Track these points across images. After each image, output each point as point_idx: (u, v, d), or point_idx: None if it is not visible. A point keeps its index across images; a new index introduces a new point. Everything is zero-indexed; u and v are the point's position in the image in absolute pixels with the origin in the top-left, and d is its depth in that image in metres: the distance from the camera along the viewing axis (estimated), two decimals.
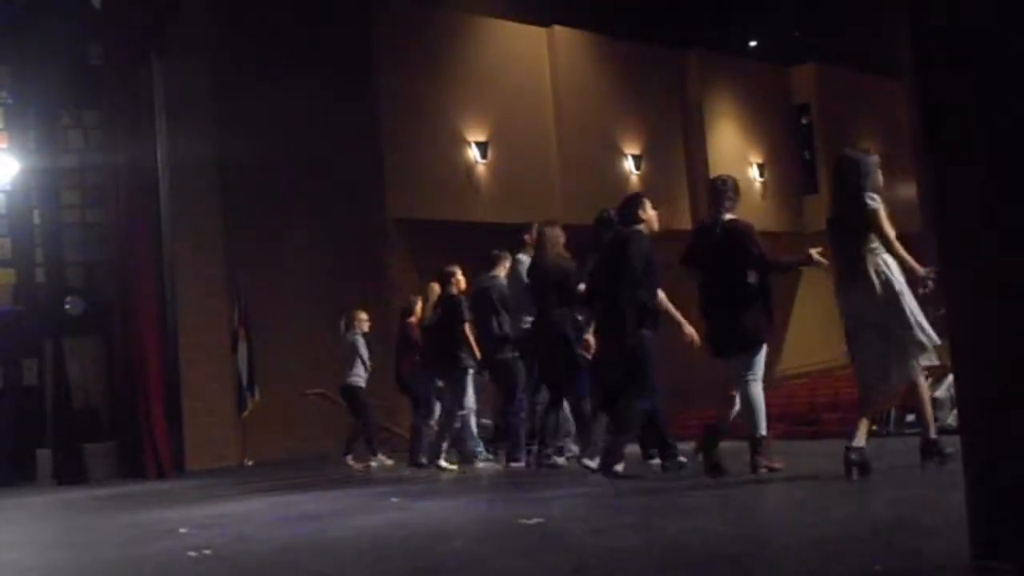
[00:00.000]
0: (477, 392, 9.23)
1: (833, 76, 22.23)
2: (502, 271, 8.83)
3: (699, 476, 6.14)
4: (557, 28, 18.09)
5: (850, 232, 5.57)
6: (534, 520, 4.78)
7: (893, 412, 12.91)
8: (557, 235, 7.98)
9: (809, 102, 22.21)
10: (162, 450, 12.56)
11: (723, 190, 6.42)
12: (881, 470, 5.48)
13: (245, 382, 13.28)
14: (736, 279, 6.14)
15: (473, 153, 16.66)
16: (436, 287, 9.50)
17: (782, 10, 20.57)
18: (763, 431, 6.11)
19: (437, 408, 9.82)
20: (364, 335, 10.99)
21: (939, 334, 5.37)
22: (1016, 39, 2.71)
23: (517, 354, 8.52)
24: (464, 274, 9.24)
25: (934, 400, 12.18)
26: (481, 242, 8.70)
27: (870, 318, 5.48)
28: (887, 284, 5.44)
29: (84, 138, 13.98)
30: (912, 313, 5.43)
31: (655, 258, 6.68)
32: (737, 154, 20.96)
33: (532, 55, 17.82)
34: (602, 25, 18.43)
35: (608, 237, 7.12)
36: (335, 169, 14.64)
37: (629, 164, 18.74)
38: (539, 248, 8.08)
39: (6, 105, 13.57)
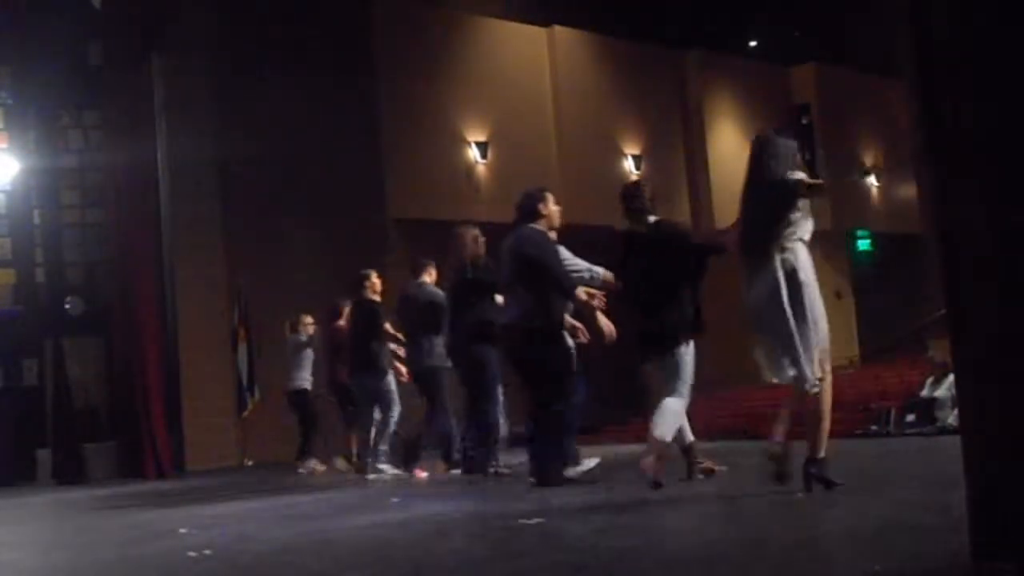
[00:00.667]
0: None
1: (833, 76, 22.24)
2: (428, 278, 8.63)
3: (696, 478, 6.13)
4: (557, 28, 18.09)
5: (762, 215, 5.17)
6: (534, 520, 4.78)
7: (893, 412, 12.92)
8: (473, 237, 7.71)
9: (809, 102, 22.21)
10: (162, 450, 12.57)
11: (642, 194, 6.27)
12: (881, 470, 5.47)
13: (245, 382, 13.28)
14: (668, 279, 5.97)
15: (473, 153, 16.66)
16: None
17: (782, 10, 20.58)
18: (668, 439, 5.86)
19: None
20: (309, 338, 10.96)
21: (940, 335, 5.24)
22: (1016, 38, 2.71)
23: (447, 364, 8.24)
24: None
25: (934, 400, 12.27)
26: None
27: (767, 307, 5.04)
28: (791, 273, 5.00)
29: (84, 138, 13.99)
30: (811, 309, 5.00)
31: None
32: (737, 154, 20.86)
33: (532, 55, 17.82)
34: (602, 25, 18.43)
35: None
36: (335, 169, 14.64)
37: (629, 164, 18.75)
38: (454, 251, 7.79)
39: (6, 105, 13.56)
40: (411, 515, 5.70)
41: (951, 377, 11.46)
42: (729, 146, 20.87)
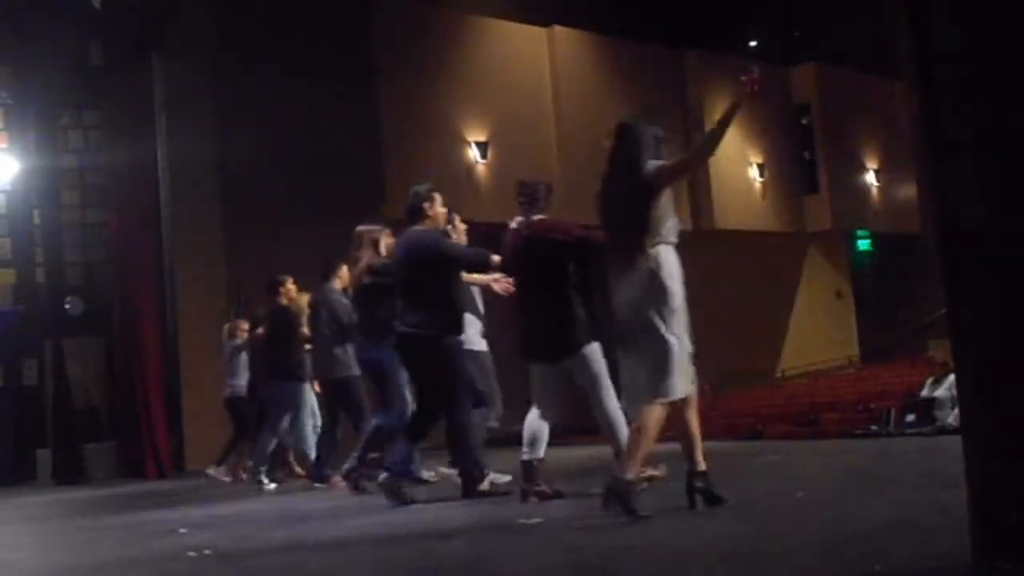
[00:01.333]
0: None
1: (833, 76, 22.25)
2: (338, 283, 8.27)
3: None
4: (557, 28, 18.10)
5: (626, 214, 4.62)
6: (534, 520, 4.78)
7: (893, 412, 12.92)
8: (371, 239, 7.26)
9: (809, 102, 22.24)
10: (162, 450, 12.58)
11: (536, 191, 5.93)
12: (881, 470, 5.47)
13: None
14: (553, 277, 5.56)
15: (473, 153, 16.67)
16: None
17: (782, 10, 20.58)
18: (541, 456, 5.52)
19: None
20: (244, 343, 10.69)
21: (940, 335, 5.02)
22: (1016, 38, 2.71)
23: (357, 372, 7.89)
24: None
25: (934, 400, 12.27)
26: (481, 242, 8.66)
27: (635, 318, 4.53)
28: (655, 277, 4.47)
29: (84, 138, 13.99)
30: (677, 322, 4.48)
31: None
32: (737, 154, 20.97)
33: (532, 55, 17.83)
34: (602, 25, 18.44)
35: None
36: (335, 169, 14.63)
37: None
38: (353, 255, 7.35)
39: (6, 105, 13.57)
40: (411, 516, 5.70)
41: (951, 377, 11.47)
42: (729, 146, 20.87)
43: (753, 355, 20.02)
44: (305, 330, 8.68)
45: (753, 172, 21.24)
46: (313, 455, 8.68)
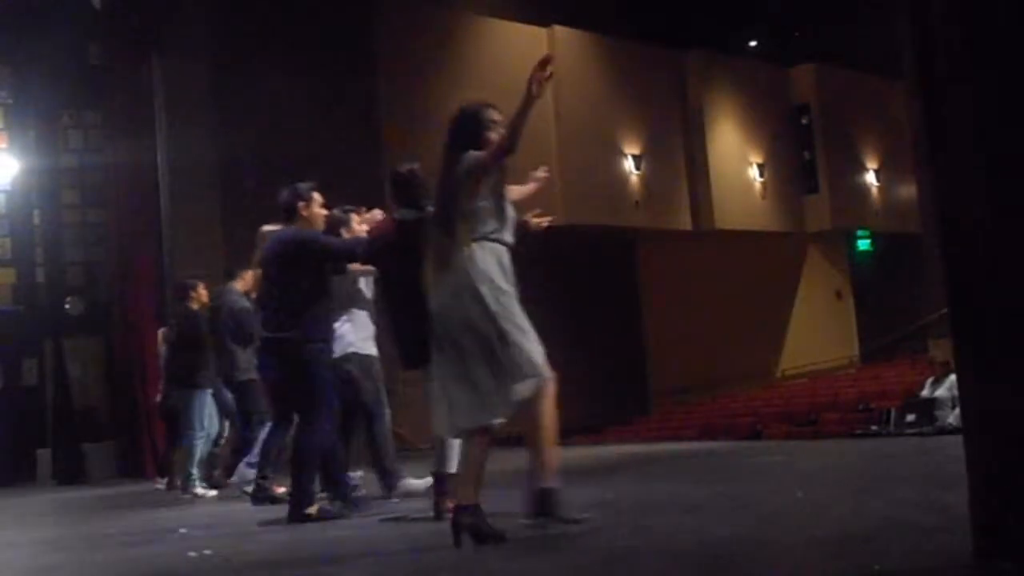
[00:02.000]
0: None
1: (833, 76, 22.28)
2: (240, 285, 8.02)
3: (695, 477, 6.11)
4: (557, 28, 18.11)
5: (444, 208, 4.17)
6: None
7: (893, 412, 12.93)
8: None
9: (809, 102, 22.25)
10: (162, 450, 12.55)
11: (404, 177, 5.59)
12: (881, 470, 5.46)
13: None
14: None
15: None
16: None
17: (782, 10, 20.59)
18: (453, 469, 4.80)
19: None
20: None
21: (940, 334, 4.93)
22: (1017, 38, 2.71)
23: (252, 377, 7.62)
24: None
25: (934, 400, 12.28)
26: None
27: (456, 325, 3.98)
28: (468, 277, 3.98)
29: (84, 138, 13.99)
30: (513, 326, 3.96)
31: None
32: (737, 154, 20.98)
33: (532, 55, 17.74)
34: (602, 25, 18.46)
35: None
36: (335, 169, 14.61)
37: (629, 164, 18.76)
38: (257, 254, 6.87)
39: (6, 105, 13.57)
40: (410, 516, 5.70)
41: (951, 377, 11.48)
42: (729, 146, 20.90)
43: (753, 355, 20.03)
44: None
45: (753, 172, 21.25)
46: (194, 468, 8.56)
